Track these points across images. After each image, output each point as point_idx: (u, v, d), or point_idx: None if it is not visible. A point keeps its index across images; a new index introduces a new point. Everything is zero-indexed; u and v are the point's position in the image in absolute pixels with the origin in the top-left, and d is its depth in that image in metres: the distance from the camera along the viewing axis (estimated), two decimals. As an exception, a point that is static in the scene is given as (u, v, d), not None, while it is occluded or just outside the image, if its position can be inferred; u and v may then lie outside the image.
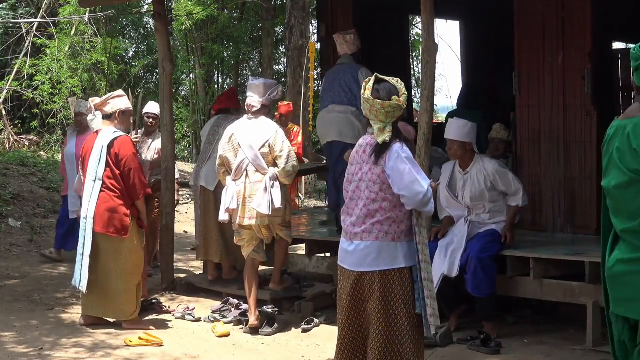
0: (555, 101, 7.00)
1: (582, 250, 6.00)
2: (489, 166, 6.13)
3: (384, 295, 4.07)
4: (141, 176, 6.49)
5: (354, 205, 4.18)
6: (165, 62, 7.85)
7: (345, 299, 4.21)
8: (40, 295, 7.67)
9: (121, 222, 6.33)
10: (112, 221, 6.31)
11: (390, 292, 4.08)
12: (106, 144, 6.37)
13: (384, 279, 4.08)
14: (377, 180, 4.11)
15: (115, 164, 6.35)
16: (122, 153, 6.36)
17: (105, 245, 6.37)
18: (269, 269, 8.32)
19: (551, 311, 6.55)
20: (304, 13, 14.97)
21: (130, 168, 6.38)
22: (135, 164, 6.43)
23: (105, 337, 6.27)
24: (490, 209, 6.13)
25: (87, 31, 16.81)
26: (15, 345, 5.97)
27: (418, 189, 4.04)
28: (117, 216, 6.32)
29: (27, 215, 10.73)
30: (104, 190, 6.34)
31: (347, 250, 4.21)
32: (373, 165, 4.12)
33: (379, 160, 4.11)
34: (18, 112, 16.76)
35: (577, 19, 6.84)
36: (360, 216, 4.14)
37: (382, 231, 4.10)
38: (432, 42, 6.25)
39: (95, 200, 6.33)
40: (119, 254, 6.37)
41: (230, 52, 19.63)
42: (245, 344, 6.08)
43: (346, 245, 4.22)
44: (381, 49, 8.84)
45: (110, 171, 6.35)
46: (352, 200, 4.20)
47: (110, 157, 6.35)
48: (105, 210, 6.30)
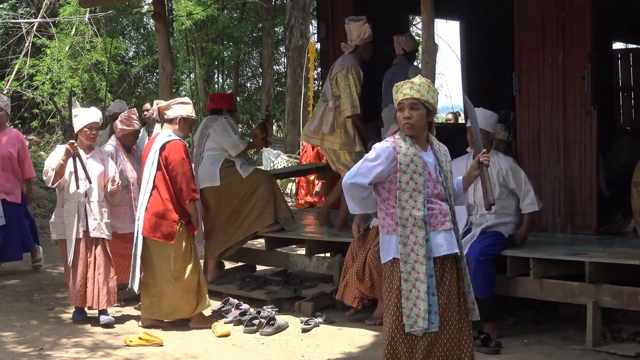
0: (555, 101, 7.00)
1: (582, 250, 6.00)
2: (504, 162, 6.12)
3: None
4: (189, 181, 6.42)
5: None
6: (165, 62, 7.85)
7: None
8: (40, 295, 7.67)
9: (168, 227, 6.32)
10: (159, 226, 6.31)
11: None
12: (159, 147, 6.38)
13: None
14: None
15: (165, 168, 6.35)
16: (172, 157, 6.33)
17: (155, 248, 6.38)
18: (269, 268, 8.34)
19: (551, 311, 6.55)
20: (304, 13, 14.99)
21: (178, 172, 6.33)
22: (183, 168, 6.36)
23: (105, 337, 6.27)
24: (495, 209, 6.09)
25: (87, 31, 16.80)
26: (15, 345, 5.97)
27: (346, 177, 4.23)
28: (165, 222, 6.31)
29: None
30: (154, 193, 6.34)
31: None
32: None
33: None
34: (18, 112, 16.75)
35: (577, 19, 6.84)
36: None
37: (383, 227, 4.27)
38: (432, 42, 6.25)
39: (145, 204, 6.36)
40: (167, 258, 6.34)
41: (230, 52, 19.64)
42: (245, 344, 6.08)
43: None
44: (381, 48, 8.84)
45: (162, 175, 6.34)
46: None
47: (161, 161, 6.35)
48: (153, 215, 6.31)
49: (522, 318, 6.46)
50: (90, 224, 6.40)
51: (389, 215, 4.18)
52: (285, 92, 17.15)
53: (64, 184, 6.42)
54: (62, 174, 6.34)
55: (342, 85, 7.22)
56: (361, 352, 5.84)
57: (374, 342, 6.07)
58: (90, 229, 6.40)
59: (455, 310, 4.15)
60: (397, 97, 4.21)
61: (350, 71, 7.23)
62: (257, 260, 7.98)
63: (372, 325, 6.47)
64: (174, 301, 6.41)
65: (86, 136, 6.49)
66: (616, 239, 6.68)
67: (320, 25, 9.62)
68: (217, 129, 7.47)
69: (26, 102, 16.33)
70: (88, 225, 6.40)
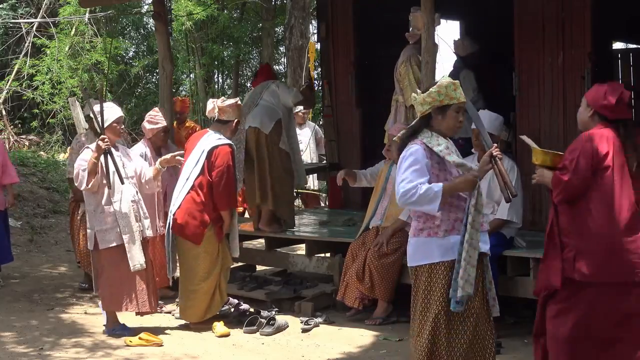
0: (555, 101, 7.00)
1: (582, 250, 5.98)
2: (505, 163, 6.11)
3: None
4: (231, 189, 6.38)
5: None
6: (165, 62, 7.85)
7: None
8: (40, 295, 7.68)
9: (197, 229, 6.28)
10: (188, 226, 6.27)
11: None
12: (207, 149, 6.32)
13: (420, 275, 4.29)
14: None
15: (209, 171, 6.30)
16: (219, 162, 6.28)
17: (182, 246, 6.38)
18: (269, 268, 8.34)
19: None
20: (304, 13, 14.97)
21: (221, 179, 6.27)
22: (229, 176, 6.31)
23: (105, 337, 6.27)
24: (495, 211, 6.09)
25: (87, 31, 16.79)
26: (15, 345, 5.97)
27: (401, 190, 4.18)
28: (195, 223, 6.27)
29: (27, 215, 10.74)
30: (191, 193, 6.30)
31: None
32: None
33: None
34: (18, 112, 16.75)
35: (577, 19, 6.84)
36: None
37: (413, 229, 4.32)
38: (432, 42, 6.26)
39: (180, 200, 6.32)
40: (195, 258, 6.31)
41: (230, 52, 19.61)
42: (245, 344, 6.08)
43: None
44: (381, 49, 8.84)
45: (203, 177, 6.29)
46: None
47: (207, 163, 6.30)
48: (185, 214, 6.27)
49: (522, 318, 6.46)
50: (144, 223, 6.27)
51: (430, 219, 4.22)
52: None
53: (97, 185, 6.06)
54: (95, 173, 6.02)
55: (404, 76, 7.27)
56: (361, 352, 5.84)
57: (374, 342, 6.07)
58: (144, 229, 6.26)
59: (480, 303, 4.27)
60: (459, 97, 4.24)
61: (410, 61, 7.25)
62: (257, 260, 7.98)
63: (372, 325, 6.46)
64: (188, 301, 6.41)
65: (115, 132, 6.21)
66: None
67: (320, 25, 9.61)
68: (280, 85, 7.60)
69: (26, 102, 16.33)
70: (143, 225, 6.25)
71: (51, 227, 10.42)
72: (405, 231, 6.48)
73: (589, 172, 4.36)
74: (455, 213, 4.23)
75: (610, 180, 4.35)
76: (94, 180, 6.01)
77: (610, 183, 4.34)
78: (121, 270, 6.10)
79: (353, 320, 6.62)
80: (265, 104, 7.40)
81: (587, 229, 4.36)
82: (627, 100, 4.51)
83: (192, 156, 6.38)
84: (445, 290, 4.18)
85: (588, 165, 4.36)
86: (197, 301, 6.38)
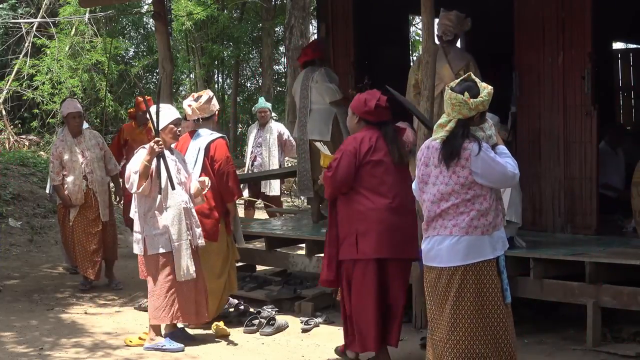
0: (555, 101, 7.00)
1: (582, 250, 6.00)
2: None
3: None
4: (236, 179, 6.39)
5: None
6: (165, 62, 7.84)
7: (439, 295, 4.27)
8: (40, 295, 7.68)
9: (212, 226, 6.22)
10: (204, 225, 6.16)
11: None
12: (203, 146, 6.28)
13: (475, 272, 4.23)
14: (464, 182, 4.19)
15: (211, 166, 6.26)
16: (218, 156, 6.26)
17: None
18: (269, 268, 8.34)
19: (551, 311, 6.55)
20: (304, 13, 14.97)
21: (225, 171, 6.25)
22: (230, 167, 6.28)
23: (105, 337, 6.27)
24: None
25: (87, 31, 16.80)
26: (15, 345, 5.97)
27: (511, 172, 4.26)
28: (209, 221, 6.20)
29: (27, 215, 10.73)
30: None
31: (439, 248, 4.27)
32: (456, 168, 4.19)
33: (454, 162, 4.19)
34: (18, 112, 16.75)
35: (577, 19, 6.84)
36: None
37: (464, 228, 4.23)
38: (432, 42, 6.25)
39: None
40: (209, 256, 6.20)
41: (230, 52, 19.62)
42: (245, 344, 6.08)
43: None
44: (381, 49, 8.84)
45: (206, 174, 6.23)
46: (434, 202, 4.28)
47: (207, 160, 6.26)
48: (198, 214, 6.15)
49: (522, 318, 6.46)
50: (196, 232, 5.94)
51: (484, 215, 4.20)
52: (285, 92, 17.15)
53: (148, 189, 5.73)
54: (146, 176, 5.68)
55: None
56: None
57: (374, 342, 6.06)
58: (195, 237, 5.93)
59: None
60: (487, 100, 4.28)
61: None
62: (257, 260, 7.97)
63: (372, 325, 6.46)
64: (216, 299, 6.36)
65: (172, 134, 5.92)
66: (616, 239, 6.68)
67: (320, 25, 9.61)
68: (318, 78, 7.64)
69: (26, 102, 16.33)
70: (194, 234, 5.92)
71: (51, 227, 10.41)
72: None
73: (352, 168, 5.16)
74: (500, 208, 4.30)
75: (376, 171, 5.18)
76: (145, 184, 5.69)
77: (377, 174, 5.18)
78: (169, 279, 5.80)
79: (353, 320, 6.61)
80: (316, 107, 7.67)
81: (362, 214, 5.16)
82: (384, 104, 5.26)
83: (188, 157, 6.38)
84: (499, 284, 4.21)
85: (351, 162, 5.16)
86: (212, 300, 6.33)
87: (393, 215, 5.18)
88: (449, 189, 4.20)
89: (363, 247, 5.16)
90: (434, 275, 4.27)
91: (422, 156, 4.35)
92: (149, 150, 5.66)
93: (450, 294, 4.20)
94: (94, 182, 7.79)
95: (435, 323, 4.30)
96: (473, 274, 4.19)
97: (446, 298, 4.21)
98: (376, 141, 5.23)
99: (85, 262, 7.79)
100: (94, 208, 7.79)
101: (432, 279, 4.29)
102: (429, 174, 4.28)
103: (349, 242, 5.19)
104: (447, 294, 4.21)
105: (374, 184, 5.19)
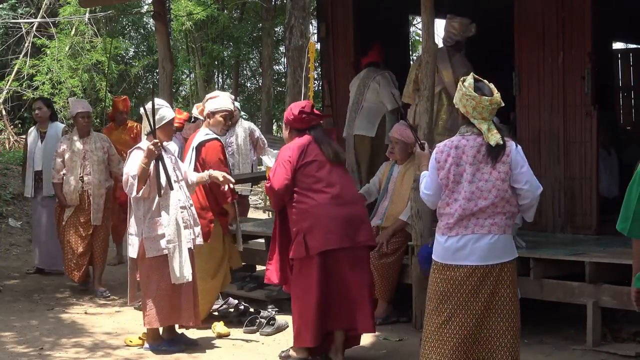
0: (555, 101, 7.00)
1: (582, 250, 6.00)
2: None
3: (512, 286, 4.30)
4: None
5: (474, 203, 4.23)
6: (165, 62, 7.85)
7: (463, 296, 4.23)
8: (40, 295, 7.68)
9: (204, 227, 6.16)
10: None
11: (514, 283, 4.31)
12: (195, 146, 6.30)
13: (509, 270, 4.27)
14: (505, 177, 4.19)
15: (202, 168, 6.24)
16: (208, 159, 6.25)
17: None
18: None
19: (551, 311, 6.55)
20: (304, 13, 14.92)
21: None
22: (222, 169, 6.20)
23: (105, 337, 6.27)
24: None
25: (87, 31, 16.80)
26: (15, 345, 5.97)
27: (537, 183, 4.29)
28: (201, 221, 6.09)
29: (27, 215, 10.73)
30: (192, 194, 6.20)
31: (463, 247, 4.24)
32: (497, 164, 4.20)
33: (499, 159, 4.20)
34: (18, 112, 16.74)
35: (577, 19, 6.84)
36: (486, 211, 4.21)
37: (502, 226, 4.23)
38: (432, 42, 6.26)
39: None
40: (201, 256, 6.17)
41: (230, 52, 19.64)
42: (245, 344, 6.08)
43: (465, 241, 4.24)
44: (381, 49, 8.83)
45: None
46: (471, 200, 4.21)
47: (198, 161, 6.26)
48: None
49: (522, 318, 6.45)
50: (195, 230, 5.87)
51: (513, 215, 4.27)
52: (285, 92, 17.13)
53: (147, 192, 5.62)
54: (145, 179, 5.56)
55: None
56: (361, 352, 5.83)
57: (373, 342, 6.07)
58: (195, 236, 5.87)
59: None
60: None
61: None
62: (257, 260, 7.97)
63: (372, 325, 6.46)
64: (208, 300, 6.37)
65: (167, 133, 5.83)
66: (616, 239, 6.67)
67: (320, 25, 9.61)
68: (381, 80, 7.85)
69: (26, 102, 16.33)
70: (194, 232, 5.85)
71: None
72: (405, 231, 6.48)
73: (288, 175, 5.38)
74: None
75: (310, 171, 5.39)
76: (145, 188, 5.58)
77: (312, 173, 5.39)
78: (169, 281, 5.68)
79: (353, 320, 6.61)
80: (367, 105, 7.91)
81: (306, 212, 5.35)
82: (309, 109, 5.51)
83: (186, 158, 6.40)
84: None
85: (285, 170, 5.38)
86: (204, 300, 6.33)
87: (336, 207, 5.34)
88: (489, 185, 4.18)
89: (312, 243, 5.29)
90: (463, 273, 4.20)
91: (447, 157, 4.23)
92: (146, 153, 5.52)
93: (482, 291, 4.19)
94: (90, 185, 7.69)
95: (454, 321, 4.21)
96: (508, 271, 4.24)
97: (476, 296, 4.19)
98: (308, 145, 5.48)
99: (71, 264, 7.73)
100: (87, 211, 7.69)
101: (459, 277, 4.20)
102: (461, 172, 4.20)
103: (298, 241, 5.34)
104: (478, 291, 4.19)
105: (310, 183, 5.40)
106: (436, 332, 4.26)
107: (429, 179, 4.35)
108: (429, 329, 4.30)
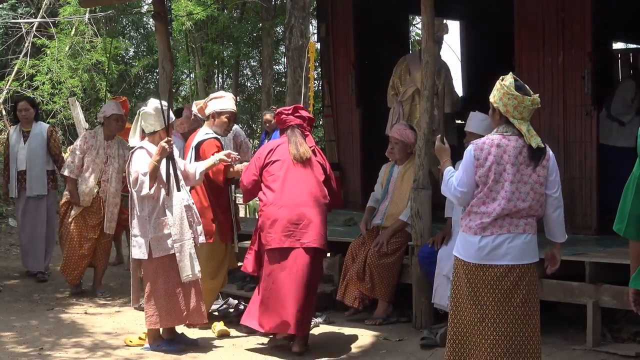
0: (555, 101, 7.00)
1: (582, 250, 5.99)
2: None
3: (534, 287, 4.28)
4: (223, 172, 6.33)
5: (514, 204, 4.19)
6: (165, 62, 7.85)
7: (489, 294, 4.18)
8: (40, 295, 7.68)
9: (206, 226, 6.15)
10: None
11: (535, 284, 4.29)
12: (194, 145, 6.31)
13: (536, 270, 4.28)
14: (544, 181, 4.23)
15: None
16: (205, 153, 6.24)
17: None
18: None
19: (551, 311, 6.55)
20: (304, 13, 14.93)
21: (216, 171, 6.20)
22: (221, 166, 6.19)
23: (105, 337, 6.27)
24: None
25: (87, 31, 16.79)
26: (15, 345, 5.97)
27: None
28: (203, 220, 6.08)
29: (27, 215, 10.72)
30: (191, 193, 6.18)
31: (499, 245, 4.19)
32: (537, 167, 4.21)
33: (540, 162, 4.21)
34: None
35: (577, 19, 6.84)
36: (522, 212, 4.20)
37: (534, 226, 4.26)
38: (432, 42, 6.26)
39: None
40: (202, 256, 6.13)
41: (230, 52, 19.63)
42: (245, 344, 6.08)
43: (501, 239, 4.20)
44: (381, 49, 8.84)
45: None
46: (510, 200, 4.16)
47: (197, 159, 6.25)
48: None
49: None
50: (198, 229, 5.88)
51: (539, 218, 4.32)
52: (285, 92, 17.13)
53: (159, 191, 5.66)
54: (156, 177, 5.59)
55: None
56: (361, 352, 5.84)
57: (373, 342, 6.07)
58: (197, 235, 5.88)
59: None
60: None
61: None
62: (257, 260, 7.96)
63: (372, 325, 6.46)
64: (208, 300, 6.36)
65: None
66: (616, 239, 6.66)
67: (320, 25, 9.62)
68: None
69: (26, 102, 16.29)
70: (196, 231, 5.86)
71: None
72: (405, 231, 6.48)
73: (255, 171, 5.81)
74: None
75: (273, 169, 5.74)
76: (156, 186, 5.61)
77: (273, 171, 5.73)
78: (175, 280, 5.71)
79: (353, 320, 6.62)
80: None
81: (261, 210, 5.77)
82: (292, 111, 5.86)
83: (187, 157, 6.40)
84: None
85: (254, 167, 5.80)
86: (206, 299, 6.30)
87: (280, 208, 5.67)
88: (527, 187, 4.17)
89: (263, 239, 5.75)
90: (498, 273, 4.15)
91: (488, 154, 4.16)
92: (158, 150, 5.56)
93: (519, 290, 4.16)
94: (105, 192, 7.62)
95: (488, 321, 4.16)
96: (537, 271, 4.28)
97: (511, 295, 4.15)
98: (280, 144, 5.83)
99: (70, 264, 7.67)
100: (97, 215, 7.63)
101: (494, 276, 4.16)
102: (501, 172, 4.15)
103: (256, 236, 5.86)
104: (514, 291, 4.16)
105: (269, 181, 5.75)
106: (471, 331, 4.20)
107: (464, 175, 4.22)
108: (456, 330, 4.24)
